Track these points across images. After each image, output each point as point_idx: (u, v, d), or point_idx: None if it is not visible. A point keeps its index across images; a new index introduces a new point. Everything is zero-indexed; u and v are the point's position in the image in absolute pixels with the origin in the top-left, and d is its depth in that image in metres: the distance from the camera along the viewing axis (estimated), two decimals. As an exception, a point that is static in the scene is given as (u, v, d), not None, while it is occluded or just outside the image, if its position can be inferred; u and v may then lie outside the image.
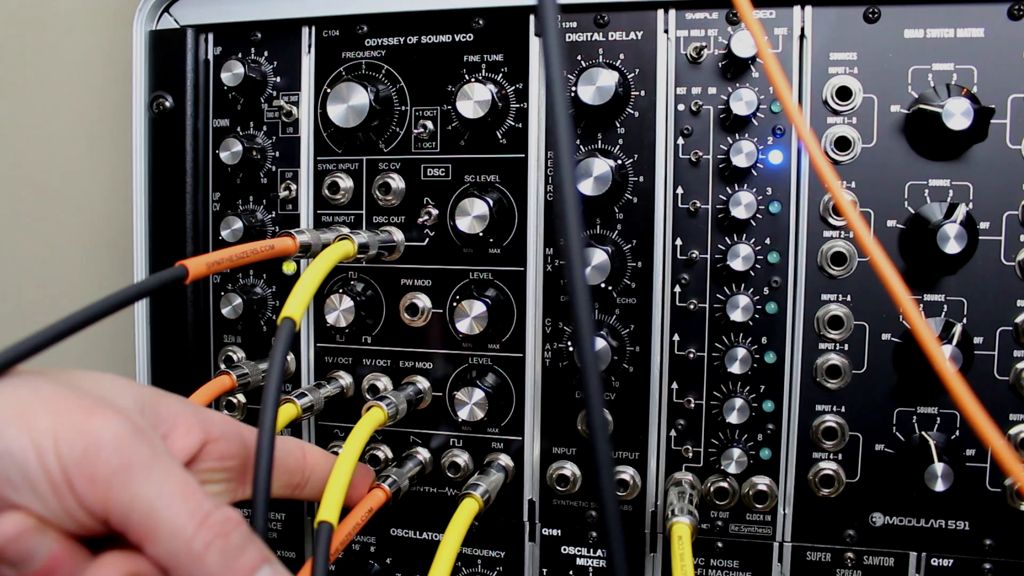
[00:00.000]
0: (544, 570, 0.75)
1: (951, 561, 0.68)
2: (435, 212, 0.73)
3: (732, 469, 0.69)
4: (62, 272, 0.99)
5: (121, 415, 0.38)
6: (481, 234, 0.69)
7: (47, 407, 0.37)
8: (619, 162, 0.69)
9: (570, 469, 0.73)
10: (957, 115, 0.61)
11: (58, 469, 0.36)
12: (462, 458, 0.75)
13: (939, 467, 0.63)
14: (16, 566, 0.36)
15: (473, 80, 0.70)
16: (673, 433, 0.71)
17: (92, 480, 0.36)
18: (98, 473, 0.36)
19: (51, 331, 0.39)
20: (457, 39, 0.73)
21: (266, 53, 0.78)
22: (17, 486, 0.35)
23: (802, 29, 0.67)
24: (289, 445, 0.53)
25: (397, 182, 0.74)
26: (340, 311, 0.74)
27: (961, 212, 0.62)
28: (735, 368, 0.68)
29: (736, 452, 0.69)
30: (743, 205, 0.67)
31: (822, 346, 0.68)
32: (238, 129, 0.78)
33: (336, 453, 0.55)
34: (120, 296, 0.44)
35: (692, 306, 0.70)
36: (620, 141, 0.70)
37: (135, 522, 0.37)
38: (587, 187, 0.67)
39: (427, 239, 0.75)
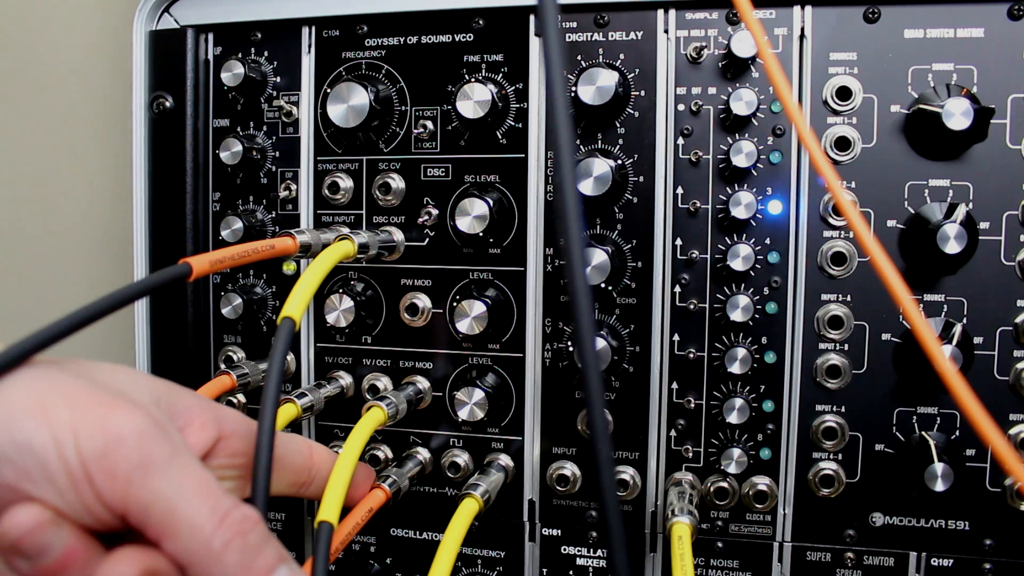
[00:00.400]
0: (544, 570, 0.75)
1: (951, 561, 0.68)
2: (435, 212, 0.73)
3: (732, 469, 0.69)
4: (62, 272, 0.99)
5: (141, 410, 0.38)
6: (481, 234, 0.69)
7: (66, 400, 0.36)
8: (619, 162, 0.69)
9: (570, 469, 0.73)
10: (957, 115, 0.61)
11: (78, 463, 0.35)
12: (462, 458, 0.75)
13: (939, 467, 0.63)
14: (31, 559, 0.36)
15: (473, 80, 0.70)
16: (673, 433, 0.71)
17: (112, 475, 0.36)
18: (118, 468, 0.36)
19: (55, 328, 0.39)
20: (457, 39, 0.73)
21: (266, 53, 0.78)
22: (35, 479, 0.35)
23: (802, 29, 0.67)
24: (297, 444, 0.53)
25: (397, 182, 0.74)
26: (340, 311, 0.74)
27: (961, 212, 0.62)
28: (735, 368, 0.68)
29: (736, 452, 0.69)
30: (743, 205, 0.67)
31: (822, 346, 0.68)
32: (238, 129, 0.78)
33: (336, 453, 0.55)
34: (124, 293, 0.44)
35: (692, 306, 0.70)
36: (620, 141, 0.70)
37: (154, 519, 0.37)
38: (587, 187, 0.67)
39: (427, 239, 0.75)
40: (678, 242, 0.70)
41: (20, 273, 1.00)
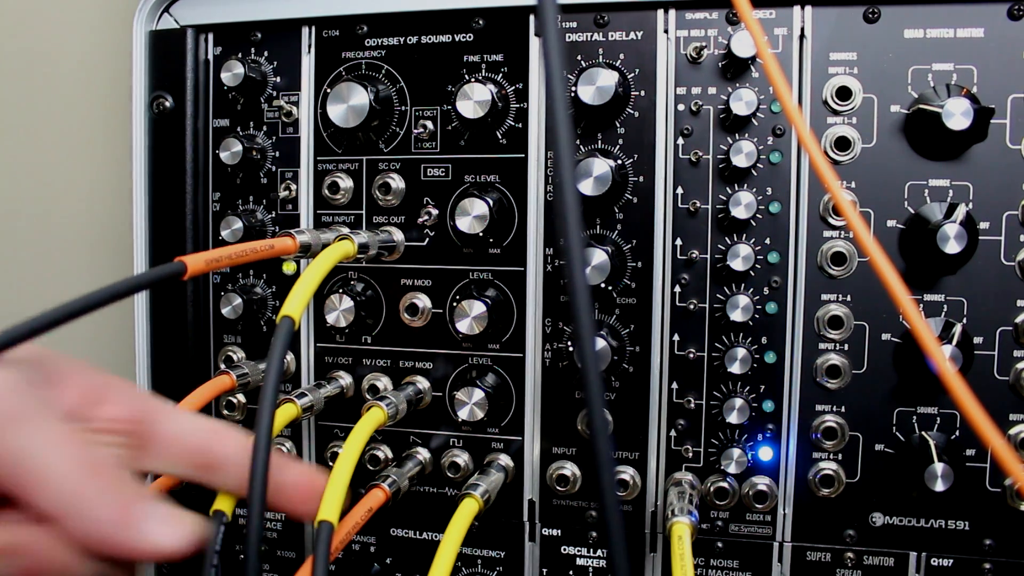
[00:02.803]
0: (544, 570, 0.75)
1: (951, 561, 0.68)
2: (435, 212, 0.73)
3: (732, 469, 0.69)
4: (62, 272, 0.99)
5: (9, 366, 0.38)
6: (481, 234, 0.69)
7: None
8: (619, 162, 0.69)
9: (570, 469, 0.73)
10: (957, 115, 0.61)
11: None
12: (462, 458, 0.75)
13: (939, 467, 0.63)
14: None
15: (473, 80, 0.70)
16: (673, 433, 0.71)
17: None
18: None
19: (45, 318, 0.40)
20: (457, 39, 0.73)
21: (266, 53, 0.78)
22: None
23: (802, 29, 0.67)
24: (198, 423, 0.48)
25: (397, 182, 0.74)
26: (340, 311, 0.74)
27: (961, 212, 0.62)
28: (735, 368, 0.68)
29: (736, 452, 0.69)
30: (743, 205, 0.67)
31: (822, 346, 0.68)
32: (238, 129, 0.78)
33: (336, 453, 0.55)
34: (117, 287, 0.44)
35: (692, 306, 0.70)
36: (620, 141, 0.70)
37: (22, 471, 0.37)
38: (587, 187, 0.66)
39: (427, 239, 0.75)
40: (678, 242, 0.70)
41: (20, 272, 1.00)
